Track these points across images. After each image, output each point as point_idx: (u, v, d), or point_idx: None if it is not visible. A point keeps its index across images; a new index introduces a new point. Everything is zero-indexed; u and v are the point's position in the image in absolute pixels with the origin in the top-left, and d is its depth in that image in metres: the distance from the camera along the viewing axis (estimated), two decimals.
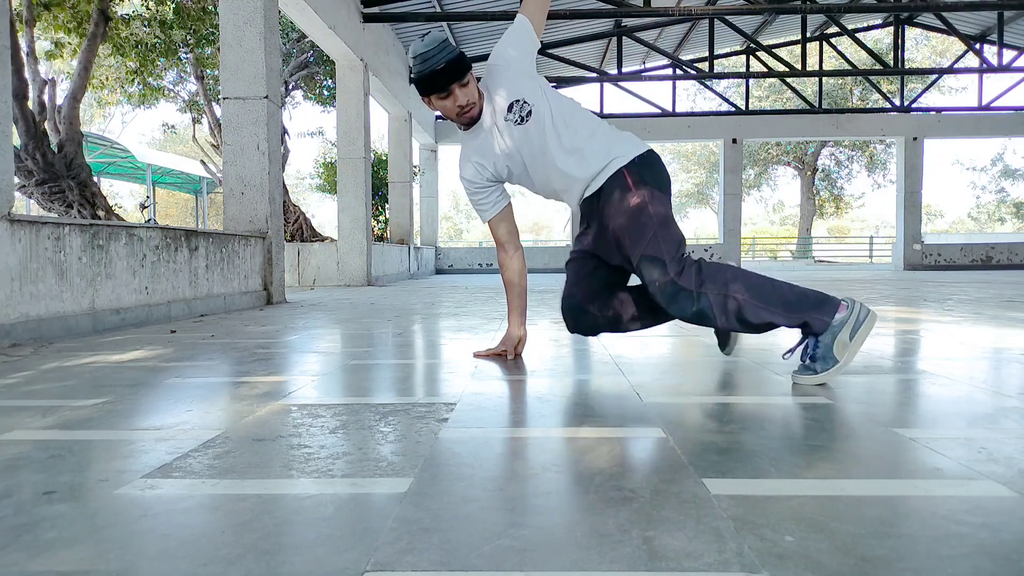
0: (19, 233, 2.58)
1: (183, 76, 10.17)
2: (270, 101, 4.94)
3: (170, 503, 0.90)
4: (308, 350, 2.42)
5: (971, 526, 0.81)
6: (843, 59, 12.87)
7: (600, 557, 0.73)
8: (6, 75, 2.61)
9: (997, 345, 2.40)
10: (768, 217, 44.61)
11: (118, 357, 2.26)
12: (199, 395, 1.61)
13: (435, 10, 9.34)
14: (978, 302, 4.49)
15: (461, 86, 1.88)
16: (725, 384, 1.72)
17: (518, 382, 1.78)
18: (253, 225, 4.90)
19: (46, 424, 1.34)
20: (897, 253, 14.09)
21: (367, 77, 8.12)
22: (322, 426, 1.30)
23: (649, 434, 1.23)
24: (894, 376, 1.81)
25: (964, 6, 8.30)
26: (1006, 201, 32.38)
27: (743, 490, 0.93)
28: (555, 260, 13.79)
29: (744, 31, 11.52)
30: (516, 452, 1.13)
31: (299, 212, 9.73)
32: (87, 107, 19.40)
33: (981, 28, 12.66)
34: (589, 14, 8.28)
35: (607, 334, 2.11)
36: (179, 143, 28.13)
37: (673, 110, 13.63)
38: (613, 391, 1.64)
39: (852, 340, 1.66)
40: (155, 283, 3.51)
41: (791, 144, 25.06)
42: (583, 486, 0.96)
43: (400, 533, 0.80)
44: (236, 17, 4.87)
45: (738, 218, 13.75)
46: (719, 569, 0.70)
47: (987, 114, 13.43)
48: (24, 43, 6.20)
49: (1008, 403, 1.46)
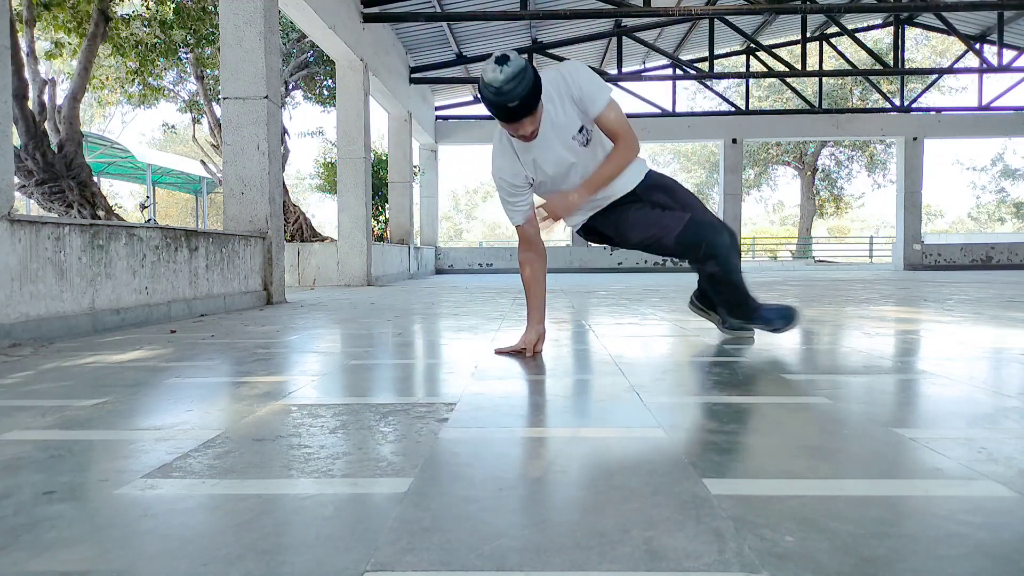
0: (19, 233, 2.58)
1: (183, 76, 10.17)
2: (270, 101, 4.94)
3: (170, 503, 0.90)
4: (308, 350, 2.42)
5: (971, 526, 0.81)
6: (843, 59, 12.88)
7: (600, 557, 0.73)
8: (6, 75, 2.61)
9: (997, 345, 2.40)
10: (768, 217, 44.61)
11: (118, 357, 2.26)
12: (199, 395, 1.61)
13: (435, 10, 9.34)
14: (978, 302, 4.49)
15: (531, 118, 1.96)
16: (725, 384, 1.72)
17: (518, 382, 1.78)
18: (253, 225, 4.90)
19: (46, 424, 1.34)
20: (897, 253, 14.10)
21: (367, 77, 8.12)
22: (322, 426, 1.30)
23: (649, 434, 1.23)
24: (894, 376, 1.81)
25: (964, 6, 8.31)
26: (1006, 201, 32.37)
27: (743, 490, 0.93)
28: (555, 260, 13.78)
29: (744, 31, 11.52)
30: (516, 452, 1.13)
31: (299, 212, 9.74)
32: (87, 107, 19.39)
33: (981, 28, 12.66)
34: (589, 14, 8.29)
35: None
36: (179, 143, 28.12)
37: (673, 110, 13.63)
38: (613, 391, 1.64)
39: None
40: (155, 283, 3.51)
41: (791, 144, 25.06)
42: (583, 486, 0.96)
43: (400, 533, 0.80)
44: (236, 17, 4.87)
45: (738, 218, 13.75)
46: (719, 569, 0.70)
47: (987, 114, 13.43)
48: (24, 43, 6.20)
49: (1008, 403, 1.46)
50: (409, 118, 10.68)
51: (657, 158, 33.21)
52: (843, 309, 4.05)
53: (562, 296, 5.50)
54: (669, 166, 33.13)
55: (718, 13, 8.48)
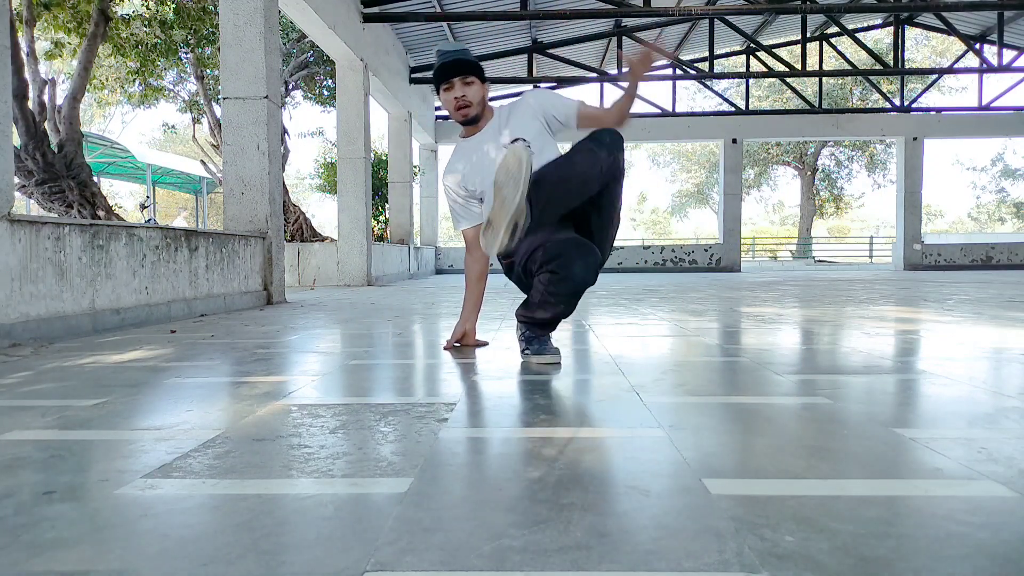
0: (19, 233, 2.58)
1: (183, 76, 10.17)
2: (270, 101, 4.94)
3: (170, 503, 0.90)
4: (308, 350, 2.42)
5: (971, 526, 0.81)
6: (843, 59, 12.87)
7: (600, 557, 0.73)
8: (6, 75, 2.61)
9: (997, 345, 2.40)
10: (768, 217, 44.63)
11: (118, 357, 2.26)
12: (199, 395, 1.61)
13: (435, 10, 9.34)
14: (978, 302, 4.49)
15: (464, 82, 2.15)
16: (725, 384, 1.72)
17: (518, 382, 1.78)
18: (253, 225, 4.90)
19: (46, 424, 1.34)
20: (897, 253, 14.10)
21: (367, 77, 8.11)
22: (322, 426, 1.30)
23: (649, 434, 1.23)
24: (894, 376, 1.81)
25: (964, 6, 8.31)
26: (1006, 201, 32.39)
27: (743, 490, 0.93)
28: None
29: (744, 31, 11.52)
30: (516, 452, 1.13)
31: (299, 212, 9.74)
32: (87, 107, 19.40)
33: (981, 28, 12.66)
34: (589, 14, 8.28)
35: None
36: (179, 143, 28.12)
37: (673, 110, 13.63)
38: (613, 391, 1.64)
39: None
40: (155, 283, 3.51)
41: (791, 144, 25.05)
42: (583, 486, 0.96)
43: (400, 533, 0.80)
44: (236, 17, 4.87)
45: (738, 218, 13.76)
46: (719, 569, 0.70)
47: (987, 114, 13.43)
48: (24, 43, 6.20)
49: (1008, 403, 1.46)
50: (409, 118, 10.68)
51: (658, 158, 33.22)
52: (843, 309, 4.05)
53: None
54: (669, 166, 33.14)
55: (718, 13, 8.48)
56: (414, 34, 10.41)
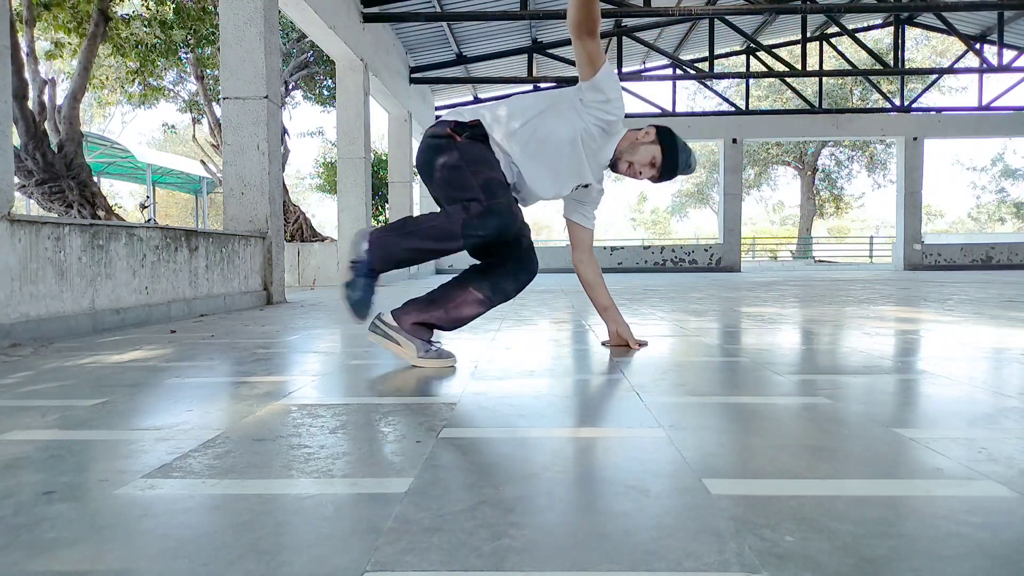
0: (19, 233, 2.58)
1: (183, 76, 10.18)
2: (270, 101, 4.94)
3: (170, 503, 0.90)
4: (308, 350, 2.42)
5: (971, 526, 0.81)
6: (843, 59, 12.86)
7: (600, 557, 0.73)
8: (6, 75, 2.61)
9: (997, 345, 2.40)
10: (768, 217, 44.63)
11: (118, 357, 2.26)
12: (199, 395, 1.61)
13: (435, 10, 9.34)
14: (978, 302, 4.49)
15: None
16: (725, 384, 1.72)
17: (518, 382, 1.78)
18: (253, 225, 4.90)
19: (46, 424, 1.34)
20: (897, 253, 14.10)
21: (367, 77, 8.12)
22: (322, 426, 1.30)
23: (649, 434, 1.23)
24: (894, 376, 1.81)
25: (964, 6, 8.31)
26: (1006, 201, 32.39)
27: (743, 490, 0.93)
28: (555, 260, 13.79)
29: (744, 31, 11.52)
30: (516, 452, 1.13)
31: (299, 212, 9.74)
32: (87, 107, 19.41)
33: (981, 28, 12.66)
34: None
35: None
36: (179, 143, 28.13)
37: (673, 110, 13.63)
38: (613, 391, 1.64)
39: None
40: (155, 283, 3.51)
41: (791, 144, 25.05)
42: (583, 486, 0.96)
43: (400, 533, 0.80)
44: (236, 17, 4.87)
45: (738, 218, 13.76)
46: (719, 569, 0.70)
47: (987, 114, 13.43)
48: (24, 43, 6.20)
49: (1008, 403, 1.46)
50: (409, 118, 10.68)
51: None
52: (843, 309, 4.05)
53: (562, 296, 5.50)
54: None
55: (718, 13, 8.48)
56: (414, 34, 10.40)
